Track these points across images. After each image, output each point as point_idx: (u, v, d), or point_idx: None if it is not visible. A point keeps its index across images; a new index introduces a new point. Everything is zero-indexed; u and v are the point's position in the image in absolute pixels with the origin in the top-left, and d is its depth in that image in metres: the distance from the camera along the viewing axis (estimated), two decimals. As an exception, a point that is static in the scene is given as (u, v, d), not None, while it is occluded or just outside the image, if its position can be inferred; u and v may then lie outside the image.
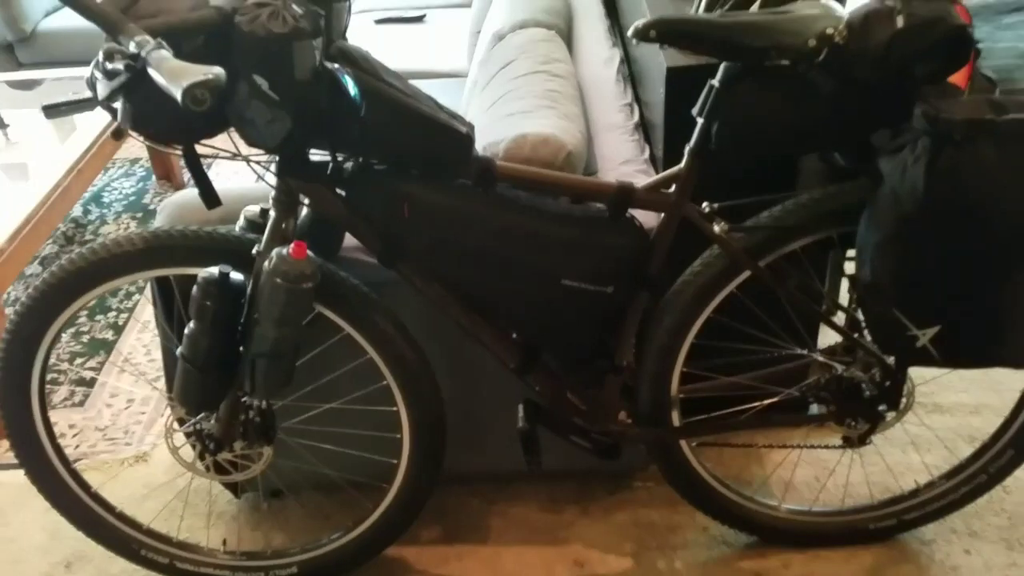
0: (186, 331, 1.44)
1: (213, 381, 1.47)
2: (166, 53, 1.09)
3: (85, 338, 2.55)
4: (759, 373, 1.66)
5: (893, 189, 1.28)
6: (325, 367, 1.62)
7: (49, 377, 2.34)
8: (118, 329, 2.59)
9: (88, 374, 2.41)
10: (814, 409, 1.69)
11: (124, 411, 2.28)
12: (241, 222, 1.55)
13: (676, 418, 1.66)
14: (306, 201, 1.45)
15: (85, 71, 3.56)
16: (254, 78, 1.24)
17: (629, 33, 1.34)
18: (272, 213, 1.44)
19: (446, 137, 1.40)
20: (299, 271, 1.36)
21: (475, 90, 2.33)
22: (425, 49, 3.37)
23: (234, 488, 1.93)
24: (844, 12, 1.31)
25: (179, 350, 1.45)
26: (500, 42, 2.36)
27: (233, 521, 1.94)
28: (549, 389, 1.60)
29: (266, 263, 1.38)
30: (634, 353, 1.62)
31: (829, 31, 1.28)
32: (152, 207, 3.25)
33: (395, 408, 1.61)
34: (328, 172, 1.42)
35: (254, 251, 1.43)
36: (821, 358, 1.62)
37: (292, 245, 1.37)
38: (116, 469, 2.09)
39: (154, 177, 3.41)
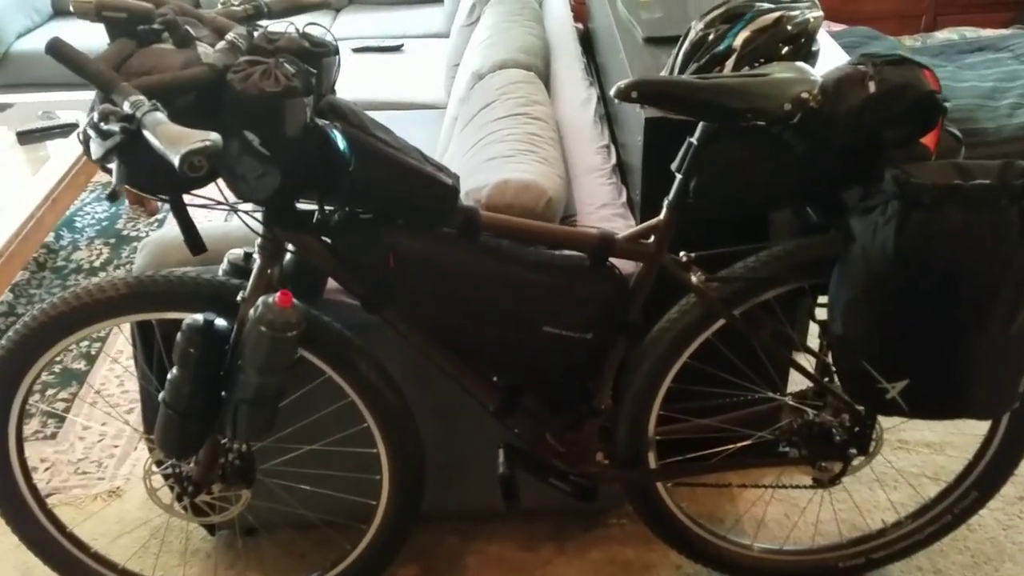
0: (168, 377, 1.45)
1: (194, 426, 1.48)
2: (161, 116, 1.11)
3: (57, 368, 2.54)
4: (733, 416, 1.70)
5: (864, 249, 1.33)
6: (306, 409, 1.63)
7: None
8: (90, 359, 2.57)
9: (60, 406, 2.39)
10: (786, 449, 1.73)
11: (97, 444, 2.26)
12: (224, 266, 1.56)
13: (652, 459, 1.70)
14: (292, 248, 1.47)
15: (57, 95, 3.53)
16: (245, 134, 1.25)
17: (611, 93, 1.38)
18: (257, 260, 1.45)
19: (432, 189, 1.43)
20: (285, 320, 1.38)
21: (455, 127, 2.37)
22: (402, 79, 3.40)
23: (210, 525, 1.93)
24: (818, 76, 1.36)
25: (161, 396, 1.46)
26: (480, 82, 2.40)
27: (208, 559, 1.94)
28: (528, 432, 1.63)
29: (252, 311, 1.39)
30: (612, 396, 1.65)
31: (804, 95, 1.32)
32: (125, 232, 3.23)
33: (375, 450, 1.62)
34: (314, 221, 1.44)
35: (239, 298, 1.45)
36: (793, 402, 1.67)
37: (278, 294, 1.39)
38: (89, 505, 2.07)
39: (127, 202, 3.39)
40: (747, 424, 1.70)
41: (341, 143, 1.32)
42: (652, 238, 1.51)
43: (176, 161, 1.05)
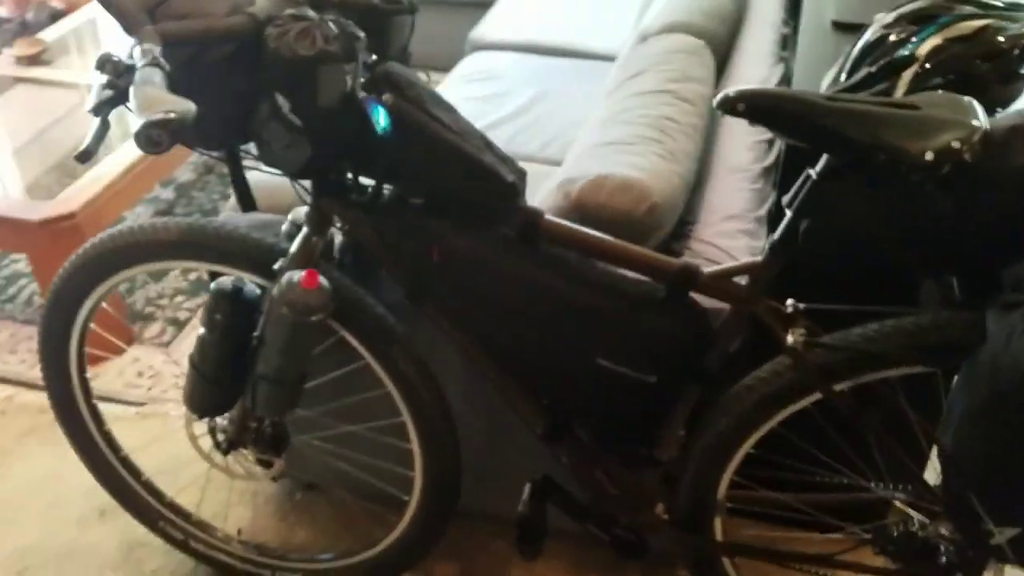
0: (197, 336, 1.38)
1: (220, 391, 1.42)
2: (154, 73, 0.99)
3: (193, 275, 2.59)
4: (824, 498, 1.42)
5: (994, 355, 1.01)
6: (351, 388, 1.53)
7: (146, 312, 2.43)
8: (225, 272, 2.61)
9: (183, 316, 2.45)
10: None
11: (203, 361, 2.30)
12: (286, 226, 1.46)
13: (719, 527, 1.46)
14: (338, 222, 1.34)
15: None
16: (276, 97, 1.13)
17: (714, 102, 1.12)
18: (304, 229, 1.34)
19: (488, 183, 1.25)
20: (306, 303, 1.27)
21: (607, 91, 2.13)
22: (585, 24, 3.13)
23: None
24: (983, 121, 1.03)
25: (189, 354, 1.40)
26: (642, 44, 2.14)
27: (264, 505, 1.92)
28: (577, 465, 1.44)
29: (275, 288, 1.29)
30: (682, 445, 1.42)
31: (955, 144, 1.00)
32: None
33: (410, 446, 1.50)
34: (361, 198, 1.30)
35: (276, 266, 1.34)
36: (901, 504, 1.36)
37: (304, 273, 1.27)
38: (175, 425, 2.11)
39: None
40: (839, 511, 1.42)
41: (383, 119, 1.16)
42: (747, 279, 1.25)
43: (134, 130, 0.93)
